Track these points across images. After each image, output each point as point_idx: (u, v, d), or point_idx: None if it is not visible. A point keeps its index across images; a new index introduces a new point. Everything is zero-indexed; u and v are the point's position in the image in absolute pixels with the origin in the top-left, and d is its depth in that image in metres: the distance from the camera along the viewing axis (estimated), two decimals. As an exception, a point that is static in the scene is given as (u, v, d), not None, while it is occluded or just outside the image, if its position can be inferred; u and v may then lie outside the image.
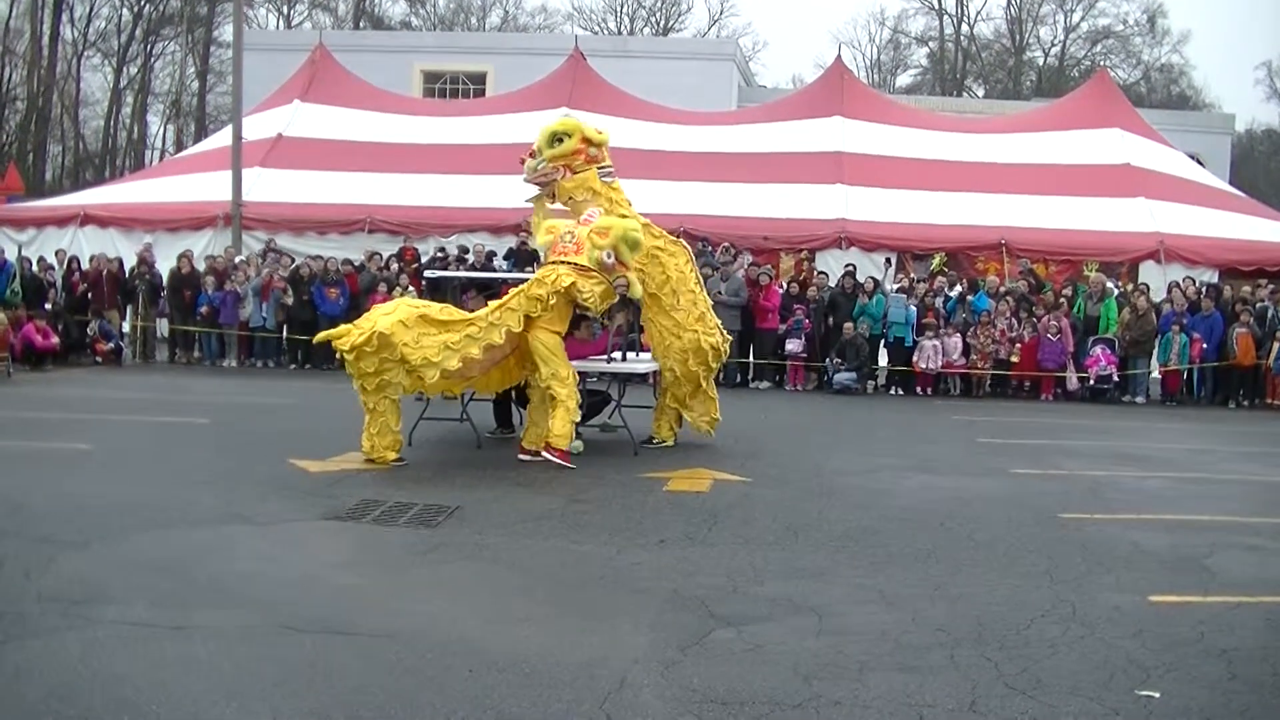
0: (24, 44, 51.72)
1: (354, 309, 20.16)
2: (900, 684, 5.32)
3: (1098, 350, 18.93)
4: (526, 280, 13.13)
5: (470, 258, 20.88)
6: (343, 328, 11.00)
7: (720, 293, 18.86)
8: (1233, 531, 8.89)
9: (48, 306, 20.13)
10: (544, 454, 10.85)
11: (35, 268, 21.31)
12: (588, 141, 11.74)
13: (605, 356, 12.14)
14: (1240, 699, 5.31)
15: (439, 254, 21.05)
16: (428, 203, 23.66)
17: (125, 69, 58.40)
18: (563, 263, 10.97)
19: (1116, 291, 20.00)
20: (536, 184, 12.05)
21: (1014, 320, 19.09)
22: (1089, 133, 26.64)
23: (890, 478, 10.88)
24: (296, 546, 7.74)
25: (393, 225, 23.32)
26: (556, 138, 11.72)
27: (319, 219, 23.72)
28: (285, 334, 20.86)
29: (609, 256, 10.80)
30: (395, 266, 20.86)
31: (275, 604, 6.32)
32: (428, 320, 10.62)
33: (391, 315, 10.55)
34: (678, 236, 19.22)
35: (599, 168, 11.78)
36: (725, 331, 12.68)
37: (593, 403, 12.13)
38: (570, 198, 11.84)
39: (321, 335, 11.63)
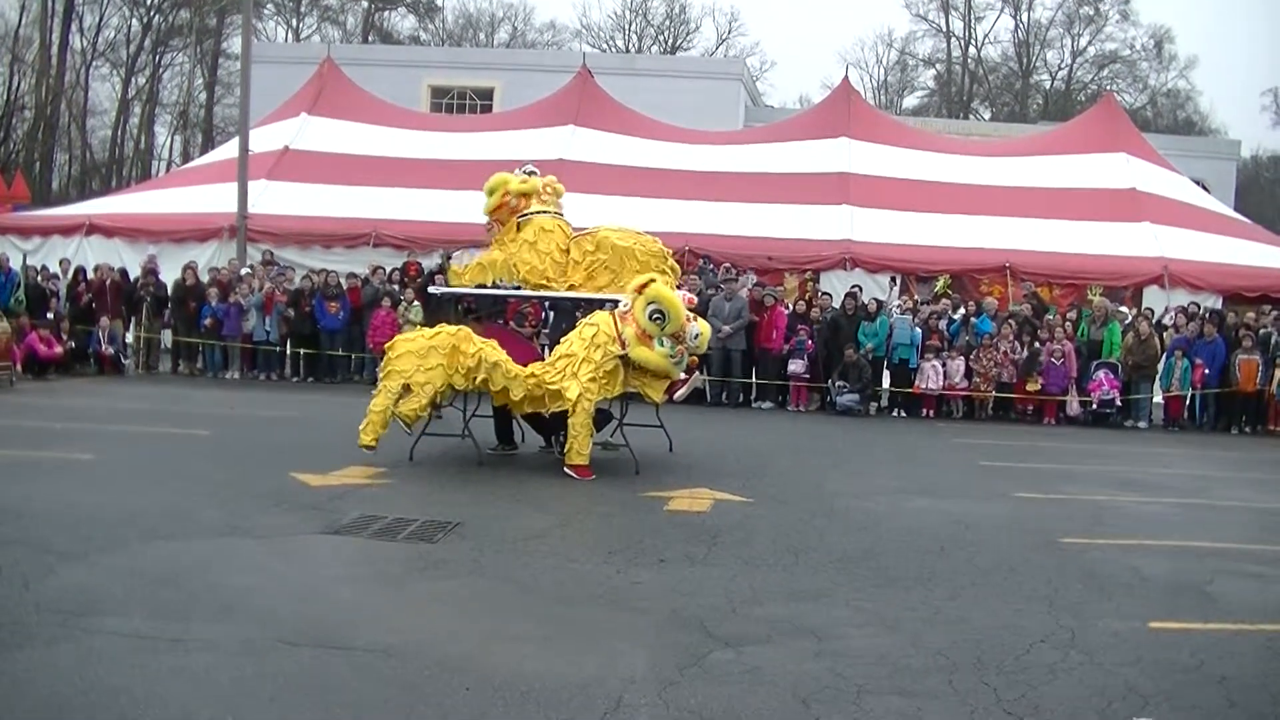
0: (33, 53, 51.79)
1: (355, 323, 20.25)
2: (898, 708, 5.31)
3: (1101, 374, 18.90)
4: (533, 298, 13.23)
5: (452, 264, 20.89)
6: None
7: (713, 315, 18.67)
8: (1234, 558, 8.88)
9: (49, 315, 20.15)
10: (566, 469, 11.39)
11: (39, 277, 21.33)
12: (510, 194, 12.86)
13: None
14: (1239, 728, 5.30)
15: (437, 273, 20.87)
16: (433, 218, 23.64)
17: (133, 79, 58.51)
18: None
19: (1129, 318, 19.93)
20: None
21: (1017, 343, 19.07)
22: (1094, 157, 26.61)
23: (891, 500, 10.86)
24: (296, 560, 7.73)
25: (398, 240, 23.32)
26: (490, 191, 13.01)
27: (325, 232, 23.72)
28: (288, 347, 20.86)
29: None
30: (402, 283, 20.81)
31: (273, 618, 6.31)
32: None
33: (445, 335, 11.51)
34: (682, 255, 19.35)
35: (520, 216, 12.82)
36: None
37: (595, 420, 12.11)
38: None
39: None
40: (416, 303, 19.28)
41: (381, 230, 23.52)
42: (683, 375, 12.21)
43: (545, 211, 12.80)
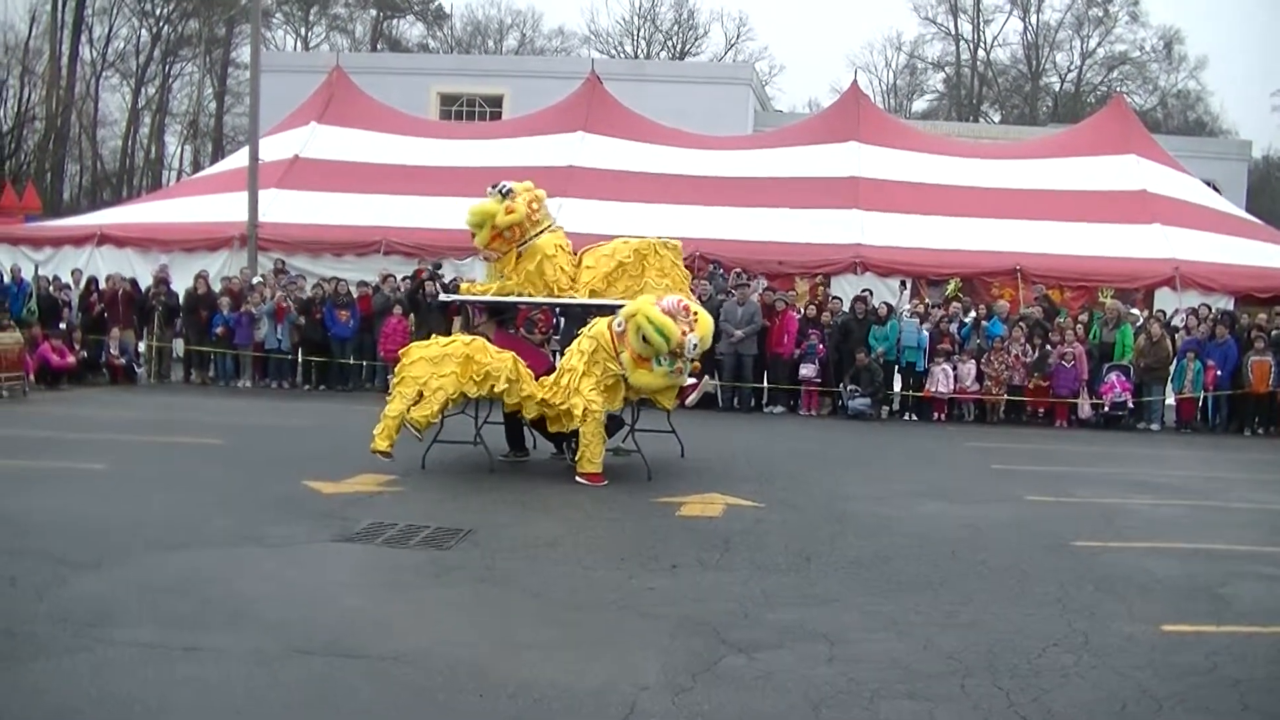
0: (43, 64, 52.02)
1: (366, 331, 20.29)
2: (911, 712, 5.30)
3: (1113, 377, 18.84)
4: (543, 304, 13.22)
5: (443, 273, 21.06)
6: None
7: (725, 320, 18.57)
8: (1247, 560, 8.85)
9: (61, 326, 20.21)
10: (578, 478, 11.39)
11: (51, 287, 21.41)
12: (497, 228, 12.42)
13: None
14: (1254, 731, 5.28)
15: (428, 279, 20.74)
16: (443, 225, 23.61)
17: (143, 89, 58.74)
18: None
19: (1140, 320, 19.87)
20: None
21: (1028, 346, 19.02)
22: (1105, 159, 26.54)
23: (903, 504, 10.85)
24: (308, 568, 7.74)
25: (408, 247, 23.34)
26: (476, 226, 12.55)
27: (335, 240, 23.77)
28: (299, 355, 20.90)
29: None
30: (407, 287, 20.82)
31: (286, 626, 6.33)
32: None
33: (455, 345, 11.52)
34: (692, 261, 19.33)
35: (520, 245, 12.52)
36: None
37: (606, 426, 12.12)
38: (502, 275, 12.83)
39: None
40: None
41: (392, 238, 23.55)
42: (691, 380, 12.19)
43: (540, 232, 12.62)
